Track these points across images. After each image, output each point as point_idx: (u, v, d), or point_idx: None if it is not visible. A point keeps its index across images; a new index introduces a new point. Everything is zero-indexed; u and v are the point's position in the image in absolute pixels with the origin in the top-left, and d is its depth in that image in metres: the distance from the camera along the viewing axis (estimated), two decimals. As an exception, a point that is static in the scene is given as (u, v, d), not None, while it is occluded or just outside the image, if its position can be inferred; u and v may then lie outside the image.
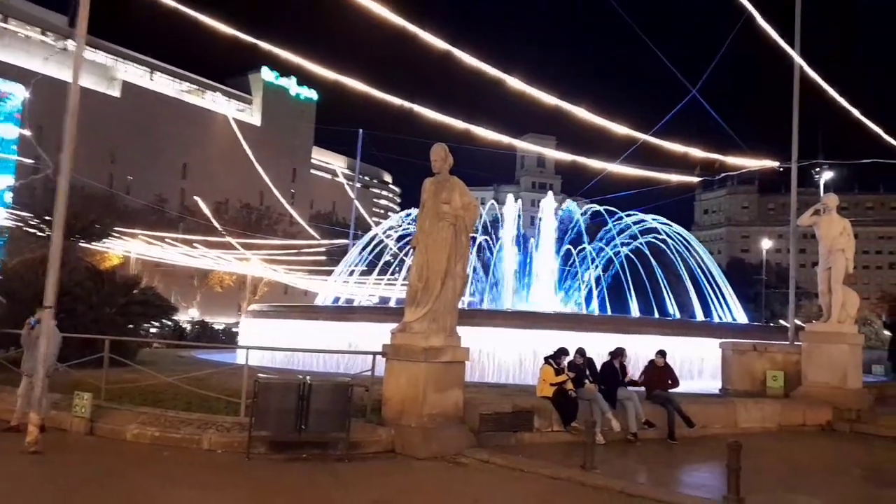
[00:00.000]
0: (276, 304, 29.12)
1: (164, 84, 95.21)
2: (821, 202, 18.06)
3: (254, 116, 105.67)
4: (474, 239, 26.34)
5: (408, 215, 29.43)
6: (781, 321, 35.08)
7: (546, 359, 13.08)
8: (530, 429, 12.38)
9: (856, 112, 21.60)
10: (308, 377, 10.65)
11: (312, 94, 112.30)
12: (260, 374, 10.94)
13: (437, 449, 10.64)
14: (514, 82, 19.74)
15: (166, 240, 50.00)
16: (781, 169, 23.36)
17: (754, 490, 8.72)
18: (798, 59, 19.84)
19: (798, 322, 21.83)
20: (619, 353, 13.78)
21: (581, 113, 21.41)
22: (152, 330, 26.67)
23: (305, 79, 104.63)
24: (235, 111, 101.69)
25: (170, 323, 28.98)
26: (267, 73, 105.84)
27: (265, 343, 19.34)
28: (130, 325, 19.09)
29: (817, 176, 37.50)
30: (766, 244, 66.87)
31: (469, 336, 12.14)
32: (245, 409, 10.94)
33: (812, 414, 15.61)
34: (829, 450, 13.62)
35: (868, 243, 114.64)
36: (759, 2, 19.75)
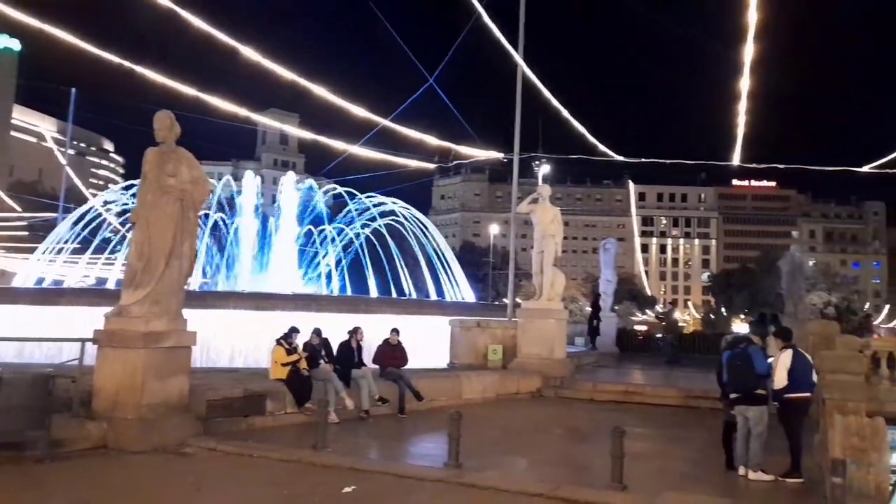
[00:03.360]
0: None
1: None
2: (536, 192, 20.04)
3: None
4: (207, 216, 24.92)
5: (130, 187, 26.84)
6: (504, 299, 38.50)
7: (277, 340, 12.80)
8: (263, 412, 12.07)
9: (566, 112, 24.35)
10: (-2, 370, 9.19)
11: (14, 44, 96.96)
12: (-69, 369, 9.18)
13: (157, 440, 9.86)
14: (250, 53, 18.97)
15: None
16: (506, 160, 25.55)
17: (473, 455, 9.43)
18: (520, 61, 21.74)
19: (518, 300, 24.02)
20: (355, 332, 13.97)
21: (322, 92, 21.30)
22: None
23: (5, 26, 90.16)
24: None
25: None
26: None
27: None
28: None
29: (537, 168, 41.56)
30: (494, 229, 72.98)
31: (200, 319, 11.47)
32: None
33: (525, 383, 17.35)
34: (537, 414, 15.21)
35: (577, 230, 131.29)
36: (489, 4, 21.24)
